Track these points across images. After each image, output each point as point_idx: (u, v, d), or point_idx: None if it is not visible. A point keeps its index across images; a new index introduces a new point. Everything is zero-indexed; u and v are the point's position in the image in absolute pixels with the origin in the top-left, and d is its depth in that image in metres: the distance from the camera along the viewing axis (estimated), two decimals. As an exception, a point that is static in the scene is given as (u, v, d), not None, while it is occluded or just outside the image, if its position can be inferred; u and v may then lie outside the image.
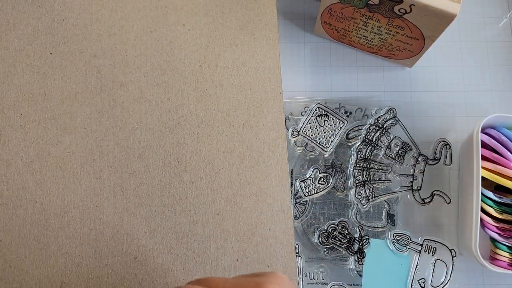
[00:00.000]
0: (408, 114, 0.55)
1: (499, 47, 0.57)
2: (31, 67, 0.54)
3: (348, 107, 0.55)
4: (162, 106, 0.54)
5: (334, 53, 0.57)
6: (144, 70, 0.54)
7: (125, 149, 0.52)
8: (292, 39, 0.58)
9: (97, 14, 0.56)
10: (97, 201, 0.51)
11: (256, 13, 0.57)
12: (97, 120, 0.53)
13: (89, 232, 0.50)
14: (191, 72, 0.55)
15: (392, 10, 0.46)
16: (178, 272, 0.50)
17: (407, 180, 0.53)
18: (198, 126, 0.53)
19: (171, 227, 0.51)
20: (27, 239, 0.50)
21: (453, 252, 0.51)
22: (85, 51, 0.55)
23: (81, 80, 0.54)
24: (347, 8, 0.49)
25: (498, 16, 0.58)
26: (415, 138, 0.54)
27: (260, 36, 0.56)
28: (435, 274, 0.51)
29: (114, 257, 0.50)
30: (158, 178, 0.52)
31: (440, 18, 0.45)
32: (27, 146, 0.52)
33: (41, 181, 0.51)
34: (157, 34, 0.56)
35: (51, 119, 0.53)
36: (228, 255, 0.50)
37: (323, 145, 0.54)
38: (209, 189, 0.52)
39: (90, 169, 0.52)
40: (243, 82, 0.55)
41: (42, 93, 0.53)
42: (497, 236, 0.48)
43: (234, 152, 0.53)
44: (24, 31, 0.55)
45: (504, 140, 0.48)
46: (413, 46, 0.51)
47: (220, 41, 0.56)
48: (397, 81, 0.56)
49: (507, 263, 0.48)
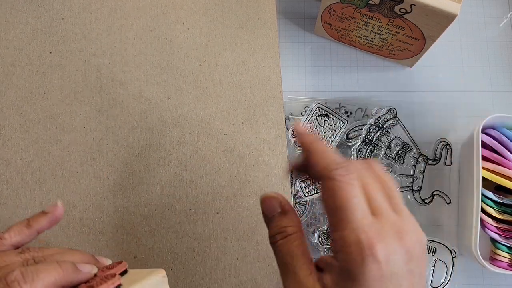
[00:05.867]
0: (409, 114, 0.55)
1: (500, 47, 0.57)
2: (30, 66, 0.54)
3: (348, 107, 0.55)
4: (161, 105, 0.53)
5: (334, 53, 0.57)
6: (143, 69, 0.54)
7: (125, 148, 0.52)
8: (292, 39, 0.57)
9: (97, 13, 0.56)
10: (96, 200, 0.51)
11: (256, 12, 0.57)
12: (97, 119, 0.53)
13: (88, 232, 0.50)
14: (190, 71, 0.54)
15: (393, 10, 0.46)
16: (178, 271, 0.50)
17: (407, 180, 0.53)
18: (198, 124, 0.53)
19: (171, 226, 0.51)
20: (27, 238, 0.50)
21: (453, 252, 0.51)
22: (84, 50, 0.55)
23: (80, 79, 0.54)
24: (348, 8, 0.49)
25: (498, 16, 0.58)
26: (415, 138, 0.54)
27: (260, 35, 0.56)
28: (435, 274, 0.51)
29: (114, 256, 0.50)
30: (158, 177, 0.52)
31: (441, 18, 0.45)
32: (27, 145, 0.52)
33: (41, 180, 0.51)
34: (157, 33, 0.55)
35: (51, 118, 0.53)
36: (228, 254, 0.50)
37: (323, 145, 0.53)
38: (209, 188, 0.52)
39: (90, 168, 0.51)
40: (242, 80, 0.55)
41: (41, 92, 0.53)
42: (497, 236, 0.48)
43: (234, 151, 0.53)
44: (24, 30, 0.55)
45: (504, 140, 0.48)
46: (413, 46, 0.51)
47: (220, 40, 0.56)
48: (398, 81, 0.56)
49: (507, 263, 0.48)
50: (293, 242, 0.32)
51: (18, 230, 0.38)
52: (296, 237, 0.33)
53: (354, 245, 0.29)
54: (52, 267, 0.33)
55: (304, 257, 0.32)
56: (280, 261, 0.32)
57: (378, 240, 0.29)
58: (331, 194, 0.30)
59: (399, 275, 0.29)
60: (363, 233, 0.29)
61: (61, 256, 0.36)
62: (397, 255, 0.29)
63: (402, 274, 0.29)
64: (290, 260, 0.32)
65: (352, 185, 0.30)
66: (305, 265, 0.31)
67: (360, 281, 0.29)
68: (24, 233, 0.38)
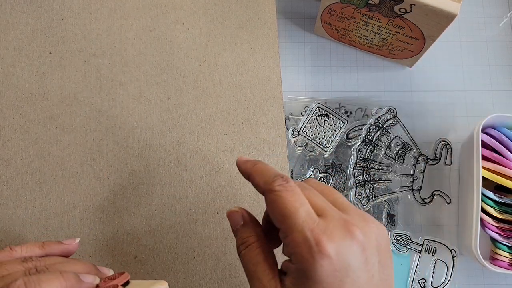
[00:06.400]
0: (408, 114, 0.55)
1: (500, 46, 0.57)
2: (30, 66, 0.54)
3: (348, 107, 0.55)
4: (161, 105, 0.53)
5: (334, 52, 0.57)
6: (143, 69, 0.54)
7: (125, 148, 0.52)
8: (292, 38, 0.57)
9: (96, 13, 0.56)
10: (96, 200, 0.51)
11: (256, 12, 0.57)
12: (97, 119, 0.53)
13: (89, 232, 0.50)
14: (190, 71, 0.54)
15: (393, 10, 0.46)
16: (179, 271, 0.50)
17: (407, 180, 0.53)
18: (198, 125, 0.53)
19: (171, 226, 0.51)
20: (27, 239, 0.50)
21: (453, 252, 0.51)
22: (84, 51, 0.55)
23: (80, 80, 0.54)
24: (348, 7, 0.49)
25: (498, 16, 0.58)
26: (415, 138, 0.54)
27: (259, 35, 0.56)
28: (435, 274, 0.51)
29: (114, 256, 0.50)
30: (158, 177, 0.52)
31: (441, 17, 0.45)
32: (27, 146, 0.52)
33: (41, 180, 0.51)
34: (157, 33, 0.55)
35: (51, 118, 0.52)
36: (228, 254, 0.50)
37: (323, 145, 0.54)
38: (209, 188, 0.52)
39: (90, 169, 0.51)
40: (242, 80, 0.54)
41: (41, 92, 0.53)
42: (497, 236, 0.48)
43: (234, 150, 0.53)
44: (23, 31, 0.55)
45: (504, 140, 0.48)
46: (413, 46, 0.51)
47: (220, 40, 0.56)
48: (398, 81, 0.56)
49: (507, 263, 0.48)
50: (254, 250, 0.34)
51: (30, 248, 0.39)
52: (256, 246, 0.34)
53: (303, 245, 0.30)
54: (55, 277, 0.33)
55: (266, 263, 0.33)
56: (246, 269, 0.34)
57: (325, 236, 0.29)
58: (275, 205, 0.32)
59: (355, 267, 0.30)
60: (309, 231, 0.30)
61: (63, 265, 0.36)
62: (347, 247, 0.30)
63: (357, 266, 0.30)
64: (253, 267, 0.33)
65: (293, 191, 0.31)
66: (267, 271, 0.32)
67: (314, 277, 0.29)
68: (35, 252, 0.39)
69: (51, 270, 0.35)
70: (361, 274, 0.30)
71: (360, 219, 0.32)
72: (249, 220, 0.36)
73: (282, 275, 0.32)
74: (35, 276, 0.33)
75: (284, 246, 0.32)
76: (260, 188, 0.34)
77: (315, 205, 0.32)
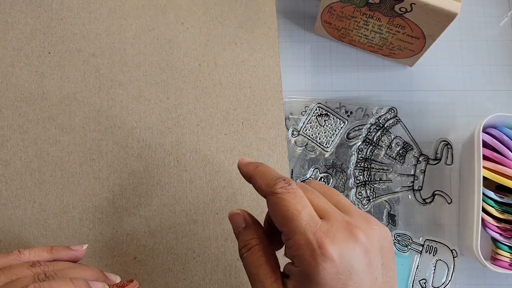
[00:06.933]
0: (409, 114, 0.55)
1: (500, 46, 0.57)
2: (29, 66, 0.53)
3: (348, 107, 0.55)
4: (161, 105, 0.53)
5: (334, 52, 0.57)
6: (143, 69, 0.54)
7: (124, 148, 0.52)
8: (292, 38, 0.57)
9: (96, 13, 0.55)
10: (96, 201, 0.51)
11: (255, 11, 0.56)
12: (96, 119, 0.53)
13: (88, 232, 0.50)
14: (190, 71, 0.54)
15: (393, 9, 0.46)
16: (178, 272, 0.49)
17: (408, 180, 0.53)
18: (198, 125, 0.53)
19: (170, 226, 0.50)
20: (26, 239, 0.49)
21: (454, 252, 0.51)
22: (83, 50, 0.54)
23: (79, 79, 0.54)
24: (348, 7, 0.49)
25: (499, 15, 0.58)
26: (416, 137, 0.54)
27: (259, 34, 0.56)
28: (436, 274, 0.51)
29: (114, 257, 0.49)
30: (158, 177, 0.51)
31: (441, 17, 0.45)
32: (26, 146, 0.51)
33: (40, 181, 0.51)
34: (156, 32, 0.55)
35: (50, 118, 0.52)
36: (228, 255, 0.50)
37: (324, 145, 0.53)
38: (209, 188, 0.51)
39: (89, 169, 0.51)
40: (242, 80, 0.54)
41: (40, 92, 0.53)
42: (498, 236, 0.48)
43: (234, 150, 0.52)
44: (22, 31, 0.54)
45: (505, 139, 0.48)
46: (413, 45, 0.51)
47: (219, 40, 0.55)
48: (398, 81, 0.56)
49: (508, 263, 0.48)
50: (256, 253, 0.33)
51: (38, 252, 0.38)
52: (259, 248, 0.34)
53: (305, 247, 0.30)
54: (65, 284, 0.33)
55: (268, 265, 0.33)
56: (248, 272, 0.33)
57: (328, 238, 0.29)
58: (277, 207, 0.31)
59: (358, 270, 0.30)
60: (312, 234, 0.30)
61: (72, 271, 0.36)
62: (350, 250, 0.30)
63: (361, 268, 0.30)
64: (256, 270, 0.33)
65: (295, 194, 0.31)
66: (269, 273, 0.32)
67: (317, 280, 0.29)
68: (43, 256, 0.38)
69: (60, 276, 0.35)
70: (365, 277, 0.30)
71: (363, 221, 0.32)
72: (251, 222, 0.35)
73: (284, 277, 0.32)
74: (46, 283, 0.32)
75: (287, 248, 0.32)
76: (262, 190, 0.34)
77: (317, 207, 0.32)
